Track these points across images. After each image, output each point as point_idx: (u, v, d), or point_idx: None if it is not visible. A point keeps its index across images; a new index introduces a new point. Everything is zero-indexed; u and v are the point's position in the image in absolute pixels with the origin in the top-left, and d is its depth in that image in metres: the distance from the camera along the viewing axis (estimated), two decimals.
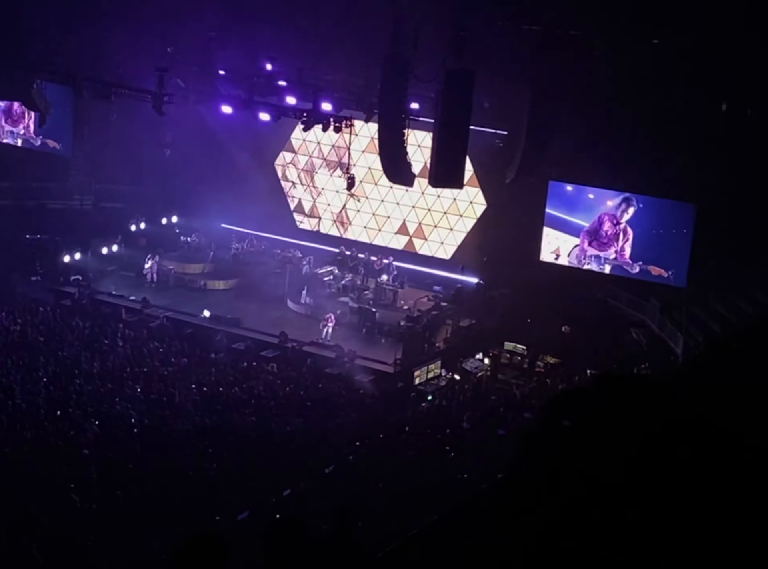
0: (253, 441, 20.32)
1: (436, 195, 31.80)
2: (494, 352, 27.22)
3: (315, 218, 35.06)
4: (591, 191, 27.53)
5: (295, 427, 21.40)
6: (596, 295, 28.42)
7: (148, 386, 22.60)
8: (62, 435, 19.15)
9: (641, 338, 26.88)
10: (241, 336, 27.60)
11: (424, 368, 26.35)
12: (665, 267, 26.60)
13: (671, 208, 26.38)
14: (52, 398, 21.20)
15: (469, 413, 23.17)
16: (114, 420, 20.31)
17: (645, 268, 26.90)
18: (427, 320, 28.38)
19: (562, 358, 26.40)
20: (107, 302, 29.50)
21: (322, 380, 24.97)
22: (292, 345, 26.94)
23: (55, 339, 25.49)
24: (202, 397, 22.48)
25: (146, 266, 31.36)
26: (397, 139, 25.22)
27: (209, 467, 18.57)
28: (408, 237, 33.22)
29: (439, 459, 19.85)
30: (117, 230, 33.22)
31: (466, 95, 23.40)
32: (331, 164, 34.21)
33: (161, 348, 25.92)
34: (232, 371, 24.72)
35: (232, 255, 33.61)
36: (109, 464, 17.99)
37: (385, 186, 32.08)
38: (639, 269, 27.06)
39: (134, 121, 30.83)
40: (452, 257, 32.12)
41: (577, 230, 27.81)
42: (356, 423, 22.29)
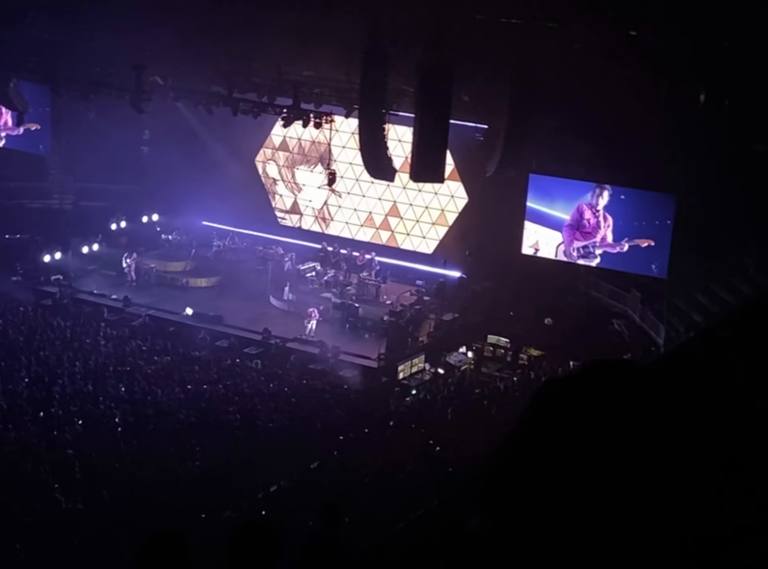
0: (237, 438, 20.29)
1: (418, 190, 31.80)
2: (477, 345, 27.28)
3: (296, 214, 35.01)
4: (571, 183, 27.59)
5: (280, 424, 21.38)
6: (578, 287, 28.53)
7: (132, 385, 22.52)
8: (45, 435, 19.05)
9: (623, 330, 27.02)
10: (224, 334, 27.54)
11: (407, 363, 26.38)
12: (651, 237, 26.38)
13: (651, 199, 26.49)
14: (35, 398, 21.09)
15: (453, 407, 23.23)
16: (97, 420, 20.23)
17: (632, 243, 26.75)
18: (410, 314, 28.41)
19: (545, 350, 26.50)
20: (88, 301, 29.37)
21: (306, 377, 24.96)
22: (276, 342, 26.90)
23: (36, 339, 25.34)
24: (186, 395, 22.41)
25: (124, 264, 31.21)
26: (378, 135, 25.20)
27: (194, 465, 18.53)
28: (390, 232, 33.23)
29: (425, 453, 19.88)
30: (97, 229, 33.05)
31: (445, 89, 23.40)
32: (311, 160, 34.15)
33: (144, 347, 25.83)
34: (215, 369, 24.67)
35: (214, 252, 33.52)
36: (93, 463, 17.92)
37: (366, 181, 32.06)
38: (628, 247, 26.94)
39: (113, 119, 30.66)
40: (434, 252, 32.16)
41: (558, 224, 27.85)
42: (341, 419, 22.29)
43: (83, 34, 27.43)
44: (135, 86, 27.22)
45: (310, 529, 6.83)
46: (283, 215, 35.19)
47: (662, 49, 23.71)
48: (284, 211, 35.18)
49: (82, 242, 32.13)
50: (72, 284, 30.08)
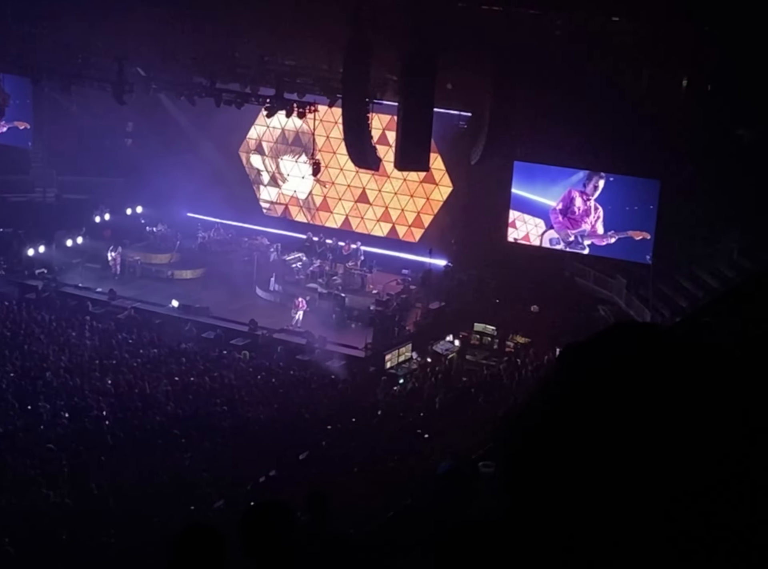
0: (226, 429, 20.28)
1: (402, 178, 31.76)
2: (464, 333, 27.32)
3: (281, 204, 34.93)
4: (556, 170, 27.60)
5: (268, 415, 21.39)
6: (564, 274, 28.60)
7: (118, 378, 22.46)
8: (32, 429, 19.00)
9: (609, 316, 27.09)
10: (210, 325, 27.48)
11: (394, 352, 26.40)
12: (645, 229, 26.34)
13: (635, 184, 26.54)
14: (21, 392, 21.01)
15: (441, 396, 23.28)
16: (84, 413, 20.17)
17: (623, 235, 26.72)
18: (396, 303, 28.41)
19: (531, 337, 26.56)
20: (73, 294, 29.24)
21: (294, 367, 24.96)
22: (263, 333, 26.87)
23: (21, 333, 25.24)
24: (173, 388, 22.37)
25: (109, 257, 31.09)
26: (362, 124, 25.16)
27: (183, 457, 18.52)
28: (375, 221, 33.20)
29: (413, 441, 19.93)
30: (81, 222, 32.87)
31: (428, 77, 23.39)
32: (295, 150, 34.06)
33: (130, 340, 25.76)
34: (202, 361, 24.62)
35: (199, 244, 33.41)
36: (80, 457, 17.88)
37: (350, 171, 32.00)
38: (617, 239, 26.96)
39: (95, 111, 30.49)
40: (420, 240, 32.14)
41: (544, 212, 27.86)
42: (329, 409, 22.31)
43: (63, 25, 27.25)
44: (117, 78, 27.05)
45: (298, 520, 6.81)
46: (268, 205, 35.10)
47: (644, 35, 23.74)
48: (269, 201, 35.09)
49: (66, 235, 31.96)
50: (56, 277, 29.95)
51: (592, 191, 27.19)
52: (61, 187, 34.59)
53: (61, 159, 33.77)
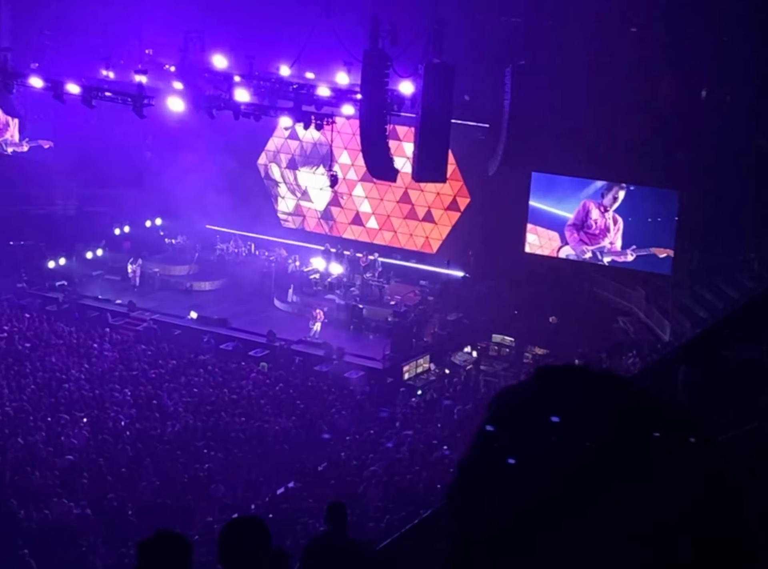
0: (244, 440, 20.31)
1: (420, 190, 31.80)
2: (482, 345, 27.27)
3: (299, 216, 35.03)
4: (575, 181, 27.51)
5: (286, 426, 21.40)
6: (582, 285, 28.51)
7: (137, 389, 22.54)
8: (52, 441, 19.08)
9: (628, 327, 26.98)
10: (228, 337, 27.56)
11: (412, 363, 26.39)
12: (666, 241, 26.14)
13: (654, 195, 26.45)
14: (42, 404, 21.11)
15: (459, 407, 23.22)
16: (104, 425, 20.25)
17: (645, 252, 26.50)
18: (414, 314, 28.41)
19: (550, 349, 26.48)
20: (93, 306, 29.41)
21: (312, 379, 24.97)
22: (281, 344, 26.91)
23: (42, 345, 25.38)
24: (192, 399, 22.44)
25: (129, 269, 31.27)
26: (379, 136, 25.21)
27: (201, 468, 18.55)
28: (393, 232, 33.23)
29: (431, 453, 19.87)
30: (101, 234, 33.10)
31: (446, 89, 23.42)
32: (313, 162, 34.17)
33: (149, 351, 25.86)
34: (220, 372, 24.68)
35: (218, 256, 33.55)
36: (100, 468, 17.94)
37: (368, 182, 32.06)
38: (636, 257, 26.79)
39: (115, 124, 30.71)
40: (438, 251, 32.15)
41: (562, 224, 27.72)
42: (347, 420, 22.30)
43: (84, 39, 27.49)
44: (137, 91, 27.23)
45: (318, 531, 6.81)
46: (286, 217, 35.21)
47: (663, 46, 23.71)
48: (287, 213, 35.20)
49: (86, 248, 32.18)
50: (77, 289, 30.13)
51: (610, 202, 26.99)
52: (82, 200, 34.85)
53: (81, 172, 34.01)
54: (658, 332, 25.51)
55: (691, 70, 24.52)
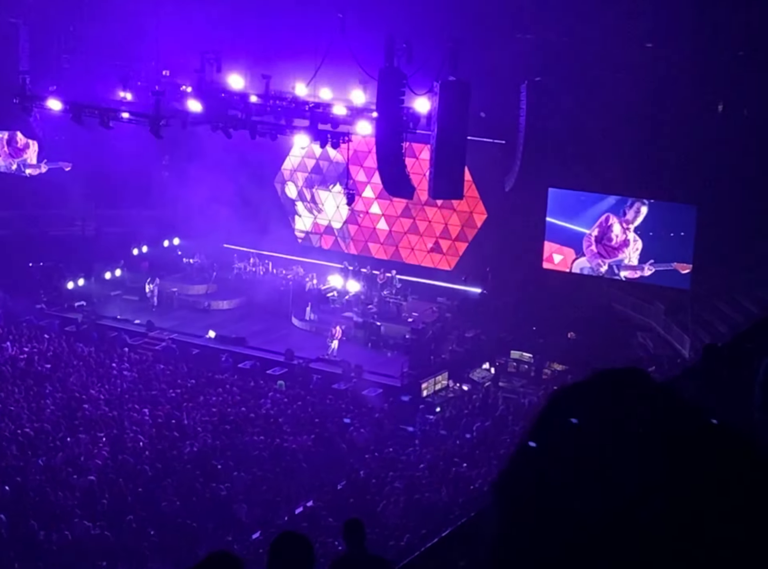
0: (263, 459, 20.28)
1: (437, 207, 31.82)
2: (501, 361, 27.18)
3: (316, 234, 35.10)
4: (590, 196, 27.41)
5: (305, 444, 21.36)
6: (600, 300, 28.39)
7: (156, 409, 22.57)
8: (72, 462, 19.12)
9: (647, 342, 26.83)
10: (246, 355, 27.59)
11: (431, 380, 26.32)
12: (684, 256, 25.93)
13: (672, 210, 26.32)
14: (61, 425, 21.18)
15: (478, 424, 23.13)
16: (123, 444, 20.27)
17: (667, 267, 26.22)
18: (432, 331, 28.36)
19: (569, 365, 26.35)
20: (112, 326, 29.52)
21: (330, 397, 24.94)
22: (299, 362, 26.91)
23: (62, 366, 25.48)
24: (211, 418, 22.45)
25: (147, 289, 31.39)
26: (396, 153, 25.26)
27: (220, 488, 18.52)
28: (410, 249, 33.23)
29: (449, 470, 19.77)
30: (119, 255, 33.26)
31: (462, 106, 23.46)
32: (330, 180, 34.26)
33: (168, 371, 25.91)
34: (239, 391, 24.69)
35: (235, 275, 33.63)
36: (119, 488, 17.94)
37: (385, 199, 32.11)
38: (654, 271, 26.59)
39: (132, 144, 30.90)
40: (455, 268, 32.11)
41: (577, 239, 27.56)
42: (365, 438, 22.24)
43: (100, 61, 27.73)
44: (154, 112, 27.42)
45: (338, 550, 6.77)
46: (303, 235, 35.29)
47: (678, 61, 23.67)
48: (304, 231, 35.29)
49: (104, 268, 32.34)
50: (95, 310, 30.27)
51: (633, 217, 26.69)
52: (100, 220, 35.06)
53: (99, 193, 34.25)
54: (678, 347, 25.36)
55: (707, 85, 24.46)
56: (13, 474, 18.24)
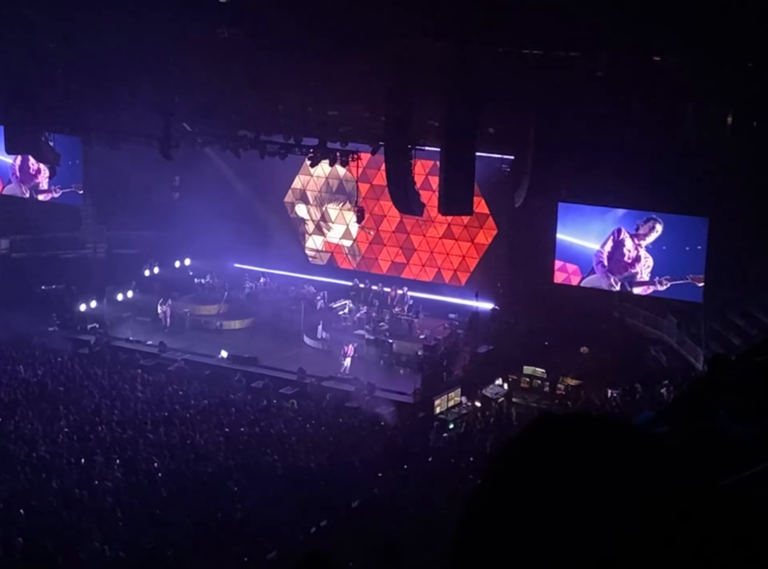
0: (277, 479, 20.24)
1: (447, 223, 31.84)
2: (514, 377, 27.09)
3: (327, 252, 35.15)
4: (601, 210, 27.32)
5: (318, 463, 21.31)
6: (612, 314, 28.30)
7: (170, 430, 22.58)
8: (87, 484, 19.12)
9: (661, 356, 26.72)
10: (259, 375, 27.58)
11: (444, 397, 26.24)
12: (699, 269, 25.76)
13: (683, 223, 26.22)
14: (75, 447, 21.20)
15: (492, 440, 23.03)
16: (137, 466, 20.27)
17: (683, 281, 26.00)
18: (444, 348, 28.31)
19: (582, 379, 26.25)
20: (124, 348, 29.58)
21: (343, 415, 24.89)
22: (311, 381, 26.89)
23: (75, 388, 25.52)
24: (225, 438, 22.43)
25: (159, 310, 31.46)
26: (405, 170, 25.32)
27: (235, 508, 18.49)
28: (421, 266, 33.23)
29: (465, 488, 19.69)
30: (131, 276, 33.36)
31: (470, 122, 23.50)
32: (340, 198, 34.34)
33: (181, 391, 25.93)
34: (252, 411, 24.68)
35: (246, 294, 33.66)
36: (134, 511, 17.93)
37: (395, 217, 32.15)
38: (669, 286, 26.36)
39: (142, 166, 31.07)
40: (466, 284, 32.08)
41: (589, 258, 27.32)
42: (379, 456, 22.18)
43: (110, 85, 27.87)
44: (163, 133, 27.57)
45: None
46: (314, 253, 35.34)
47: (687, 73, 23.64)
48: (314, 250, 35.34)
49: (116, 290, 32.42)
50: (108, 331, 30.34)
51: (646, 233, 26.37)
52: (111, 242, 35.21)
53: (110, 215, 34.40)
54: (691, 360, 25.24)
55: (716, 97, 24.43)
56: (27, 496, 18.26)
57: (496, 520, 1.04)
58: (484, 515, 1.06)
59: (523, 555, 1.00)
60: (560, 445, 1.02)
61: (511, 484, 1.03)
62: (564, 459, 1.01)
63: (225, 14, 25.45)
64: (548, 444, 1.03)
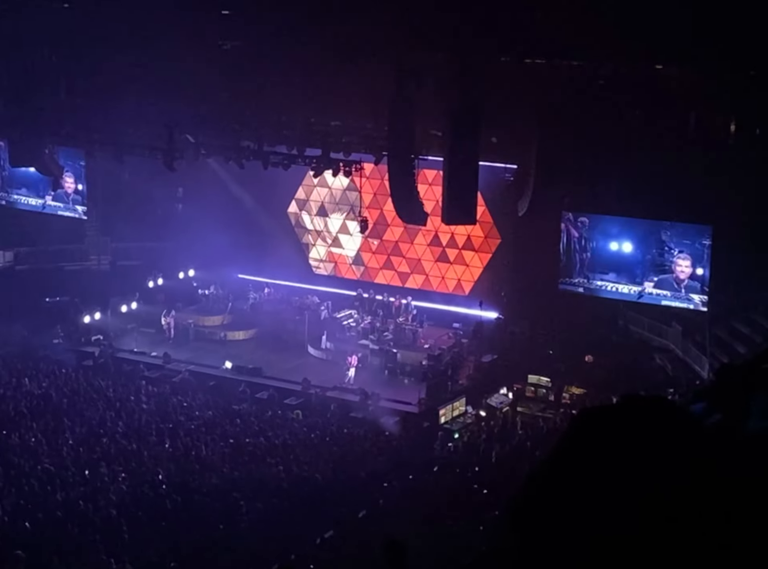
0: (282, 490, 20.20)
1: (450, 232, 31.86)
2: (518, 386, 27.05)
3: (330, 262, 35.17)
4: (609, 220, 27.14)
5: (323, 473, 21.27)
6: (617, 322, 28.27)
7: (175, 441, 22.55)
8: (92, 497, 19.08)
9: (666, 364, 26.67)
10: (263, 385, 27.56)
11: (448, 406, 26.21)
12: None
13: (687, 230, 26.19)
14: (80, 459, 21.17)
15: (496, 450, 23.00)
16: (142, 478, 20.24)
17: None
18: (448, 357, 28.28)
19: (587, 388, 26.21)
20: (129, 359, 29.58)
21: (348, 425, 24.86)
22: (316, 391, 26.86)
23: (80, 400, 25.52)
24: (229, 449, 22.40)
25: (163, 321, 31.47)
26: (408, 180, 25.33)
27: (240, 519, 18.45)
28: (425, 276, 33.24)
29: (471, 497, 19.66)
30: (135, 288, 33.38)
31: (473, 131, 23.53)
32: (343, 208, 34.36)
33: (185, 402, 25.91)
34: (256, 421, 24.65)
35: (250, 305, 33.67)
36: (139, 523, 17.89)
37: (398, 226, 32.17)
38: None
39: (146, 178, 31.13)
40: (470, 293, 32.07)
41: None
42: (384, 466, 22.13)
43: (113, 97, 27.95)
44: (167, 145, 27.60)
45: None
46: (317, 263, 35.36)
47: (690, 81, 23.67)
48: (318, 260, 35.36)
49: (120, 302, 32.44)
50: (112, 343, 30.35)
51: None
52: (115, 254, 35.24)
53: (114, 227, 34.45)
54: (696, 368, 25.19)
55: (719, 104, 24.45)
56: (32, 509, 18.23)
57: (573, 478, 1.06)
58: (565, 473, 1.08)
59: (587, 510, 1.01)
60: (641, 422, 1.06)
61: (591, 448, 1.06)
62: (643, 435, 1.04)
63: (227, 26, 25.55)
64: (632, 419, 1.07)
